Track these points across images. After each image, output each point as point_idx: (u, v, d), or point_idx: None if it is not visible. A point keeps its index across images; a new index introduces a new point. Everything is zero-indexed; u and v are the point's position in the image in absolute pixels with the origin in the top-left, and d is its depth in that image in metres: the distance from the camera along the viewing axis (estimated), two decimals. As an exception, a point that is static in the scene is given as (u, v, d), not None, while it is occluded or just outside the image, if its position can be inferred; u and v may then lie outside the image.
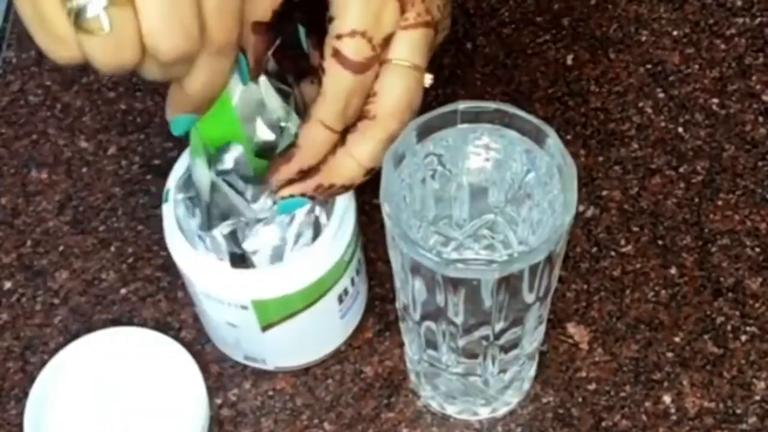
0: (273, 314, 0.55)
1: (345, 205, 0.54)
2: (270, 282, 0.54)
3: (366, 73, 0.48)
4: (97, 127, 0.69)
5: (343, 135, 0.50)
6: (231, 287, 0.54)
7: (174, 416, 0.58)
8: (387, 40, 0.49)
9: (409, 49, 0.49)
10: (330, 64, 0.48)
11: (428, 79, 0.50)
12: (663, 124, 0.67)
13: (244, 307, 0.54)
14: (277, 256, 0.54)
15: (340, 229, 0.54)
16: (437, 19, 0.50)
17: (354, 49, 0.48)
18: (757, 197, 0.65)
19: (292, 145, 0.51)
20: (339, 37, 0.48)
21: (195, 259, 0.53)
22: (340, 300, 0.57)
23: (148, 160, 0.67)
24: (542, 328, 0.55)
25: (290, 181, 0.52)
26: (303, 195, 0.51)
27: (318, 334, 0.59)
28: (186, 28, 0.42)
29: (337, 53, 0.48)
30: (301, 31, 0.52)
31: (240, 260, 0.54)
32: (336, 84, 0.48)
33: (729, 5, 0.71)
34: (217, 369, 0.61)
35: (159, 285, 0.63)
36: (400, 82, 0.49)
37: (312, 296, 0.55)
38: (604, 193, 0.65)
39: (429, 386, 0.58)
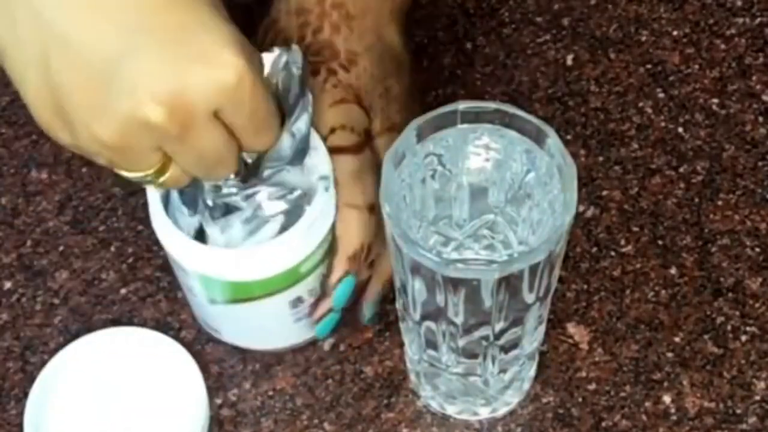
0: (216, 294, 0.56)
1: (315, 217, 0.53)
2: (215, 262, 0.54)
3: (362, 154, 0.56)
4: (97, 127, 0.69)
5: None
6: (185, 257, 0.54)
7: (174, 416, 0.58)
8: (368, 130, 0.56)
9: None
10: (333, 160, 0.54)
11: None
12: (663, 124, 0.67)
13: (194, 278, 0.55)
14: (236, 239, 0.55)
15: (304, 239, 0.53)
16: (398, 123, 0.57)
17: (342, 138, 0.55)
18: (757, 197, 0.65)
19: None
20: (325, 138, 0.55)
21: (165, 223, 0.54)
22: (294, 305, 0.57)
23: (148, 160, 0.67)
24: (542, 328, 0.55)
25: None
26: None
27: (266, 329, 0.59)
28: (229, 167, 0.49)
29: (332, 150, 0.54)
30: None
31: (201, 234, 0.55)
32: (343, 168, 0.55)
33: (729, 5, 0.71)
34: (217, 369, 0.61)
35: (159, 285, 0.63)
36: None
37: (254, 292, 0.55)
38: (604, 193, 0.65)
39: (429, 386, 0.58)
